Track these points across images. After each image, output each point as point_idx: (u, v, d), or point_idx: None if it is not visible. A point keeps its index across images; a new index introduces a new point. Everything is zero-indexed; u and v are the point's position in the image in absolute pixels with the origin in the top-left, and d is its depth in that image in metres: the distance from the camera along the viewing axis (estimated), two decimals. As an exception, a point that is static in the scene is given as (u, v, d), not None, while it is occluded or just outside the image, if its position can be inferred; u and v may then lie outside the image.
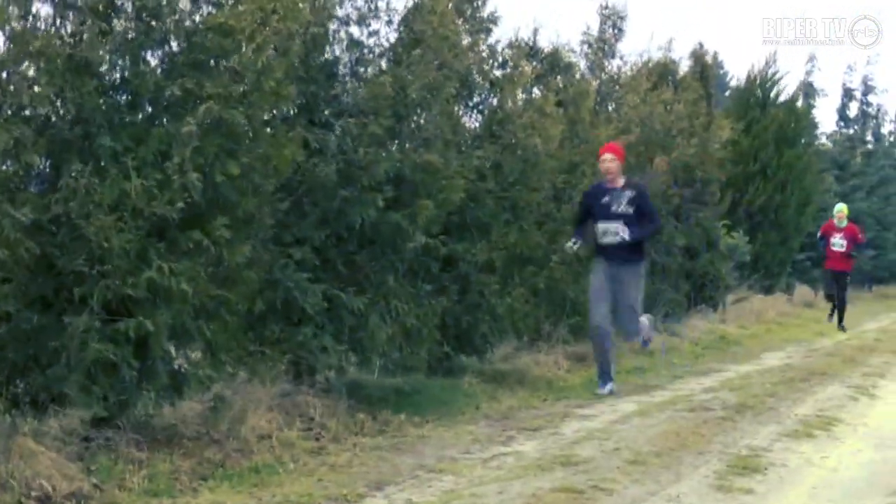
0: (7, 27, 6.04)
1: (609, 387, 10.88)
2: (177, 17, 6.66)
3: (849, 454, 8.18)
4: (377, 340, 8.65)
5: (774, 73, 26.34)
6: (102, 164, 6.28)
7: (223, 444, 7.03)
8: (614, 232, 10.72)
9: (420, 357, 9.58)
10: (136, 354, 6.35)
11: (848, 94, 42.15)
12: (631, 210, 10.80)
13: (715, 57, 21.97)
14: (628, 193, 10.88)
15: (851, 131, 42.10)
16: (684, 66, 19.30)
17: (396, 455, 7.54)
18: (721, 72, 34.78)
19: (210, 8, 6.83)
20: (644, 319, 11.43)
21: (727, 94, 33.69)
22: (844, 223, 20.00)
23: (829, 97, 65.89)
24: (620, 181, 11.01)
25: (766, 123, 25.21)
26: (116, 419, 6.56)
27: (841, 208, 20.35)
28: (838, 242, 19.75)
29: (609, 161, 11.03)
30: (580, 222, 11.21)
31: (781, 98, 26.47)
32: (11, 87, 5.99)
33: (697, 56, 20.29)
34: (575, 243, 10.95)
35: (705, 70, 20.17)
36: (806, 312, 25.42)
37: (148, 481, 6.15)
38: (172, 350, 6.84)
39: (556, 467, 7.14)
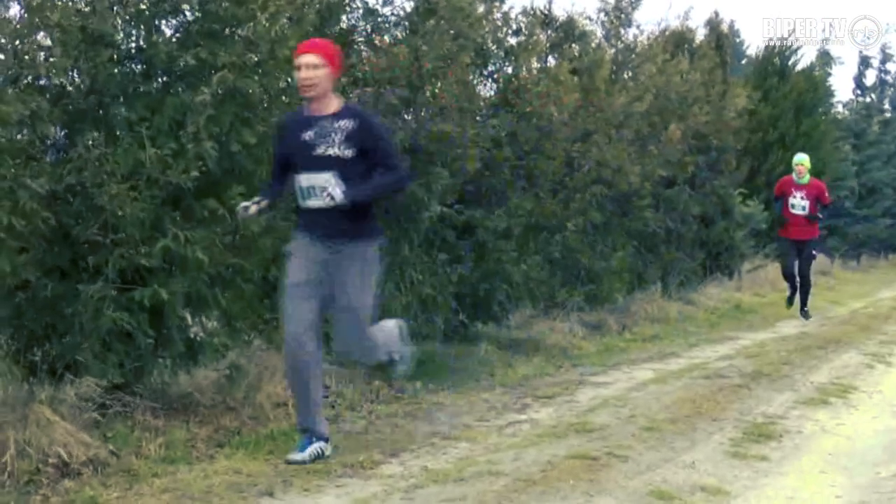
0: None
1: (312, 450, 6.37)
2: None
3: (864, 421, 8.19)
4: (393, 309, 8.66)
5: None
6: (118, 133, 6.31)
7: (239, 411, 7.07)
8: (321, 188, 6.19)
9: (436, 325, 9.61)
10: (151, 322, 6.38)
11: (865, 62, 41.95)
12: (350, 152, 6.20)
13: (731, 26, 21.90)
14: (345, 125, 6.26)
15: (868, 100, 41.89)
16: (700, 35, 19.22)
17: (412, 422, 7.58)
18: (738, 40, 34.65)
19: (224, -23, 6.83)
20: (386, 328, 6.90)
21: (743, 62, 33.53)
22: (806, 178, 15.72)
23: (846, 65, 65.60)
24: (333, 104, 6.34)
25: (784, 92, 25.09)
26: (132, 386, 6.60)
27: (801, 160, 15.98)
28: (799, 203, 15.65)
29: (310, 67, 6.26)
30: (277, 174, 6.62)
31: (799, 67, 26.35)
32: (27, 58, 6.00)
33: (713, 25, 20.19)
34: (255, 204, 6.39)
35: (721, 39, 20.06)
36: (821, 280, 25.36)
37: (164, 448, 6.19)
38: (188, 318, 6.86)
39: (571, 434, 7.16)
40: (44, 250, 6.15)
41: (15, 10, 6.08)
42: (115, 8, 6.37)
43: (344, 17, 8.78)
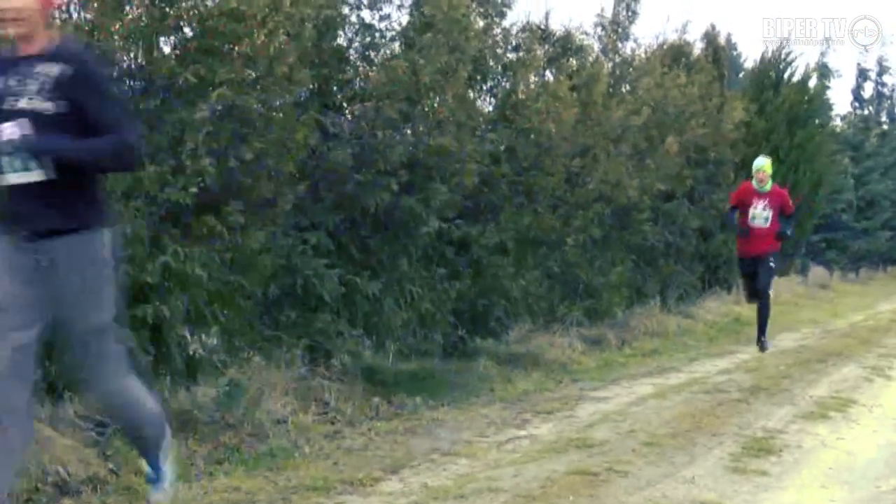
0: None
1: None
2: (190, 2, 6.67)
3: (864, 435, 8.17)
4: (392, 325, 8.67)
5: (788, 54, 26.25)
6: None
7: (238, 428, 7.06)
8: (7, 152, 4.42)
9: (435, 341, 9.60)
10: (150, 339, 6.37)
11: (863, 74, 42.03)
12: (52, 106, 4.49)
13: (728, 39, 21.95)
14: (51, 70, 4.53)
15: (866, 112, 41.97)
16: (698, 49, 19.26)
17: (412, 439, 7.56)
18: (734, 53, 34.69)
19: (222, -7, 6.84)
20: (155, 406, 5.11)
21: (741, 75, 33.60)
22: (768, 186, 13.24)
23: (844, 78, 65.71)
24: (40, 43, 4.63)
25: (777, 104, 25.12)
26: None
27: (762, 165, 13.35)
28: (761, 214, 13.08)
29: None
30: None
31: (795, 79, 26.39)
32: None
33: (710, 38, 20.23)
34: None
35: (718, 52, 20.10)
36: (821, 294, 25.38)
37: (164, 466, 6.18)
38: (188, 335, 6.86)
39: (571, 450, 7.15)
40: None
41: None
42: (114, 25, 6.38)
43: (340, 33, 8.79)
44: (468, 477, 6.37)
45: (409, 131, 8.95)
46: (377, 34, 9.06)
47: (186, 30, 6.77)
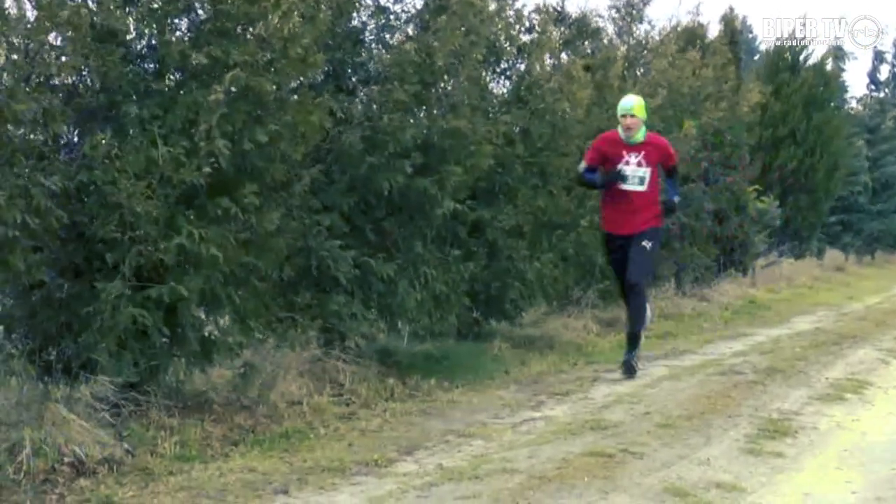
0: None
1: None
2: (203, -17, 6.67)
3: (879, 417, 8.16)
4: (407, 306, 8.66)
5: (804, 37, 26.18)
6: (130, 131, 6.31)
7: (253, 410, 7.08)
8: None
9: (449, 323, 9.60)
10: (166, 321, 6.38)
11: (879, 57, 41.95)
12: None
13: (743, 21, 21.88)
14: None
15: (882, 94, 41.84)
16: (712, 31, 19.22)
17: (426, 420, 7.57)
18: (750, 36, 34.60)
19: (236, -26, 6.82)
20: None
21: (756, 58, 33.51)
22: (641, 135, 9.64)
23: (860, 61, 65.51)
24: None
25: (795, 87, 25.06)
26: (147, 385, 6.60)
27: (630, 107, 9.64)
28: (633, 174, 9.56)
29: None
30: None
31: (811, 62, 26.31)
32: (39, 57, 6.00)
33: (728, 20, 20.17)
34: None
35: (735, 34, 20.04)
36: (836, 276, 25.33)
37: (179, 447, 6.20)
38: (203, 316, 6.87)
39: (587, 431, 7.15)
40: (58, 249, 6.16)
41: (27, 10, 6.08)
42: (126, 7, 6.37)
43: (355, 15, 8.77)
44: (483, 458, 6.38)
45: (422, 114, 8.93)
46: (392, 16, 9.04)
47: (200, 11, 6.76)
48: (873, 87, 41.64)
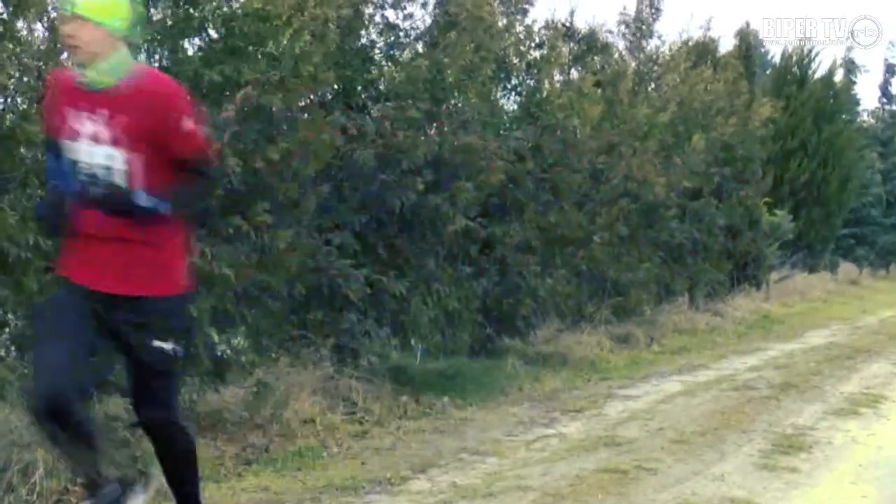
0: (47, 17, 6.07)
1: None
2: (214, 3, 6.68)
3: (894, 431, 8.13)
4: (419, 323, 8.66)
5: (811, 50, 26.14)
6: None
7: (267, 428, 7.06)
8: None
9: (462, 340, 9.59)
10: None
11: (890, 69, 41.81)
12: None
13: (756, 36, 21.87)
14: None
15: (894, 107, 41.73)
16: (724, 45, 19.21)
17: (440, 438, 7.55)
18: (762, 51, 34.62)
19: (247, -6, 6.84)
20: None
21: (768, 72, 33.52)
22: (117, 68, 4.02)
23: (872, 73, 65.42)
24: None
25: (803, 100, 25.04)
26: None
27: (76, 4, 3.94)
28: (88, 160, 3.97)
29: None
30: None
31: (819, 74, 26.28)
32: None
33: (743, 35, 20.16)
34: None
35: (749, 49, 20.04)
36: (850, 290, 25.26)
37: (193, 466, 6.19)
38: (215, 335, 6.86)
39: (600, 448, 7.14)
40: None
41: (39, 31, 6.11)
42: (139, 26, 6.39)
43: (363, 33, 8.79)
44: (497, 475, 6.36)
45: (433, 131, 8.94)
46: (401, 34, 9.06)
47: (211, 31, 6.78)
48: (885, 99, 41.48)
